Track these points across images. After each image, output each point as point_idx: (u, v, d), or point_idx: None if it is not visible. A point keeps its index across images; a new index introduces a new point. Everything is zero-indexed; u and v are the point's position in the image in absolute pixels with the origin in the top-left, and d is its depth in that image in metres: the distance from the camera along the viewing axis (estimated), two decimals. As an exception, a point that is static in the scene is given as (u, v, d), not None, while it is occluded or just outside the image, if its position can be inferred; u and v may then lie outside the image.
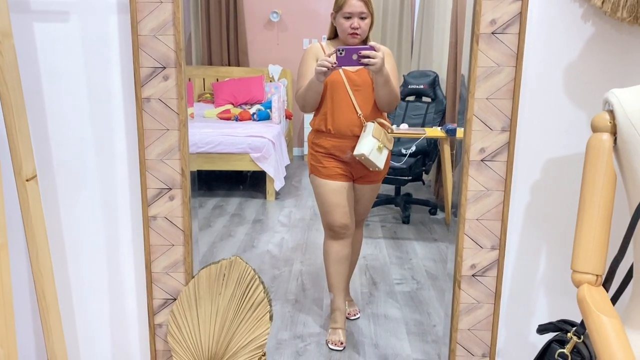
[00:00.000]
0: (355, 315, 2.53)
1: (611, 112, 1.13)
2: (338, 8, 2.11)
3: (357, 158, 2.13)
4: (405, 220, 3.87)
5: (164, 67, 1.51)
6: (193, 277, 1.63)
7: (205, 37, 5.57)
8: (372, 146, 2.09)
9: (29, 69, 1.53)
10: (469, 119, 1.50)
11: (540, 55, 1.50)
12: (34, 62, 1.54)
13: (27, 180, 1.41)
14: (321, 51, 2.18)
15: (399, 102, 2.24)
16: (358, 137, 2.15)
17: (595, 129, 1.14)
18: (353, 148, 2.14)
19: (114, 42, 1.53)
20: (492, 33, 1.45)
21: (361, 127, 2.15)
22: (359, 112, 2.13)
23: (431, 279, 2.97)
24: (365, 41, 2.16)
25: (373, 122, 2.14)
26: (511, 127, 1.50)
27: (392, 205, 4.09)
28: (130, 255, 1.67)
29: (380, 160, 2.13)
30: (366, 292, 2.79)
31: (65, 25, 1.52)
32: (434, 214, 4.05)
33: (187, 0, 1.51)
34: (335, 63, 1.92)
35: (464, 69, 1.54)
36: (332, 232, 2.28)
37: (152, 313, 1.66)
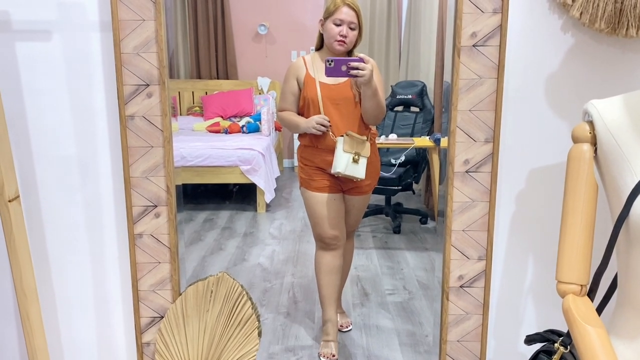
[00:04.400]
0: (347, 327, 2.52)
1: (591, 123, 1.14)
2: (329, 14, 2.11)
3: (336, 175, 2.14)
4: (396, 230, 3.87)
5: (148, 85, 1.51)
6: (180, 294, 1.62)
7: (194, 50, 5.58)
8: (345, 161, 2.09)
9: (12, 88, 1.53)
10: (452, 130, 1.51)
11: (521, 67, 1.51)
12: (17, 81, 1.53)
13: (9, 201, 1.40)
14: (303, 68, 2.19)
15: (385, 115, 2.24)
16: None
17: (575, 139, 1.15)
18: None
19: (97, 60, 1.53)
20: (473, 46, 1.47)
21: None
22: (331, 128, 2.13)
23: (423, 288, 2.97)
24: (350, 53, 2.17)
25: (342, 135, 2.13)
26: (494, 138, 1.51)
27: (383, 215, 4.09)
28: (116, 274, 1.66)
29: (358, 171, 2.13)
30: (358, 303, 2.78)
31: (47, 44, 1.52)
32: (425, 223, 4.05)
33: (171, 16, 1.51)
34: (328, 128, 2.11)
35: (447, 78, 1.55)
36: (323, 243, 2.27)
37: (139, 332, 1.64)
